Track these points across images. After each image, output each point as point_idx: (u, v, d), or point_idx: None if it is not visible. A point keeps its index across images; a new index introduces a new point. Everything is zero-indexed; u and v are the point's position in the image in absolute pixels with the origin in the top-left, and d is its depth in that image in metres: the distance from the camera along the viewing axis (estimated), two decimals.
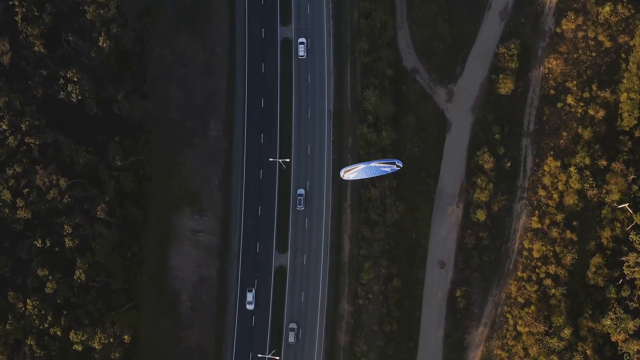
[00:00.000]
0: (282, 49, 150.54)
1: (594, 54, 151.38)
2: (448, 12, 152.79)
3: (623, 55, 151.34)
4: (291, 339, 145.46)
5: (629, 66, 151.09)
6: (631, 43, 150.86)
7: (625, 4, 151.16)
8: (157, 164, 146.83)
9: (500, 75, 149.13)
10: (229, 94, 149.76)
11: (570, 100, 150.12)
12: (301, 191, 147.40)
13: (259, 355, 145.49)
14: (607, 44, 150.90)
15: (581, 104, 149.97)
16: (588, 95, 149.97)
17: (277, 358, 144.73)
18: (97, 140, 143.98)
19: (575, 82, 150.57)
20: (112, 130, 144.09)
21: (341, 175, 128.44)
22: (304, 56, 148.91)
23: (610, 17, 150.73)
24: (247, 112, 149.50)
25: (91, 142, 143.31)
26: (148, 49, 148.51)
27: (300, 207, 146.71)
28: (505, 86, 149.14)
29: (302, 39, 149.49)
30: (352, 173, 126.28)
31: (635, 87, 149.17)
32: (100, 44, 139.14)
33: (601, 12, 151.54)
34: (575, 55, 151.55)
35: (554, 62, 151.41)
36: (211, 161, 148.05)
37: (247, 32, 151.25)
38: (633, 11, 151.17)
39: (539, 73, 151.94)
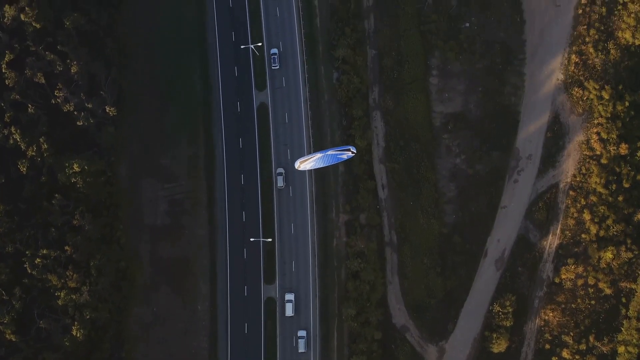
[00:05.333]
0: (266, 308, 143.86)
1: (593, 302, 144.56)
2: (441, 264, 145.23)
3: (624, 299, 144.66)
4: None
5: (628, 313, 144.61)
6: (633, 286, 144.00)
7: (629, 246, 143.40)
8: None
9: (494, 335, 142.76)
10: (211, 354, 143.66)
11: (566, 354, 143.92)
12: None
13: None
14: (608, 291, 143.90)
15: (577, 356, 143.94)
16: (585, 347, 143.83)
17: None
18: None
19: (572, 335, 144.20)
20: None
21: (296, 167, 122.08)
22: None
23: (612, 261, 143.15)
24: None
25: None
26: (125, 311, 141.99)
27: None
28: (499, 345, 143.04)
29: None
30: (309, 163, 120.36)
31: (634, 340, 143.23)
32: (73, 333, 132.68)
33: (603, 257, 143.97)
34: (573, 305, 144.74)
35: (551, 314, 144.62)
36: None
37: (229, 289, 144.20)
38: (637, 252, 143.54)
39: (534, 325, 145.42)
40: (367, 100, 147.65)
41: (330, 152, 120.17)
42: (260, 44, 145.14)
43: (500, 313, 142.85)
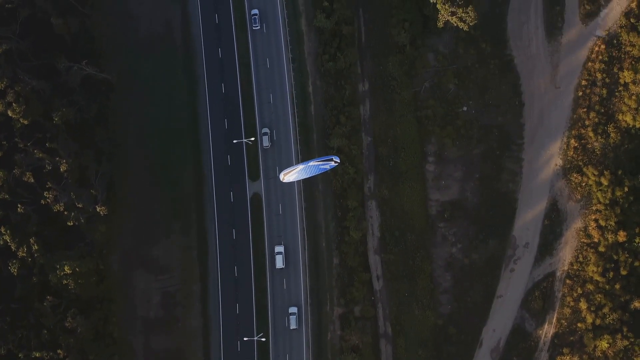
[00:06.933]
0: None
1: None
2: (436, 355, 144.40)
3: None
4: None
5: None
6: None
7: (625, 334, 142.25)
8: None
9: None
10: None
11: None
12: None
13: None
14: None
15: None
16: None
17: None
18: None
19: None
20: None
21: (281, 179, 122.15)
22: None
23: (608, 349, 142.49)
24: None
25: None
26: None
27: None
28: None
29: None
30: (292, 175, 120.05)
31: None
32: None
33: (598, 346, 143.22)
34: None
35: None
36: None
37: None
38: (633, 339, 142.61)
39: None
40: (362, 190, 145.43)
41: (312, 163, 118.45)
42: (252, 139, 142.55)
43: None
